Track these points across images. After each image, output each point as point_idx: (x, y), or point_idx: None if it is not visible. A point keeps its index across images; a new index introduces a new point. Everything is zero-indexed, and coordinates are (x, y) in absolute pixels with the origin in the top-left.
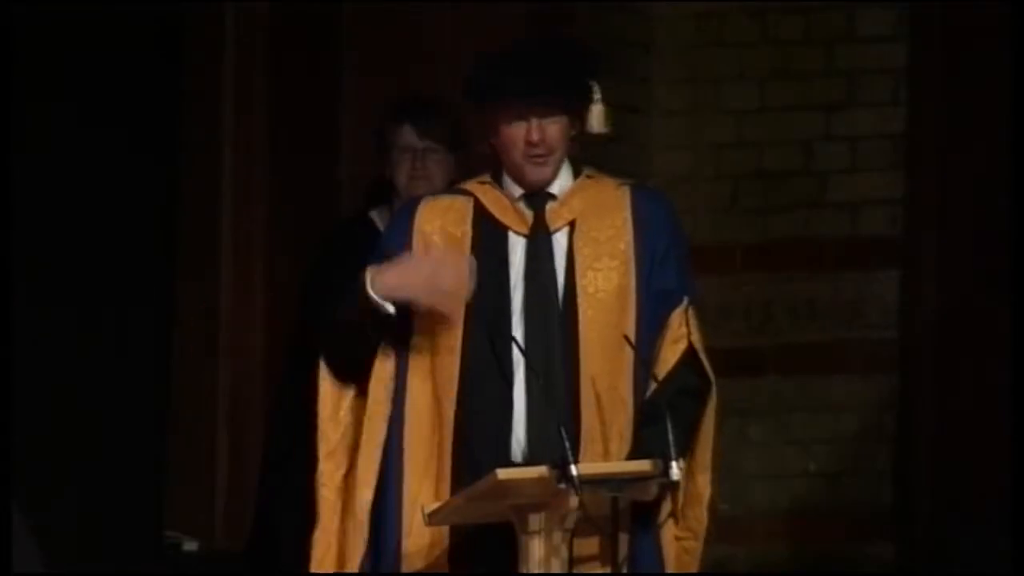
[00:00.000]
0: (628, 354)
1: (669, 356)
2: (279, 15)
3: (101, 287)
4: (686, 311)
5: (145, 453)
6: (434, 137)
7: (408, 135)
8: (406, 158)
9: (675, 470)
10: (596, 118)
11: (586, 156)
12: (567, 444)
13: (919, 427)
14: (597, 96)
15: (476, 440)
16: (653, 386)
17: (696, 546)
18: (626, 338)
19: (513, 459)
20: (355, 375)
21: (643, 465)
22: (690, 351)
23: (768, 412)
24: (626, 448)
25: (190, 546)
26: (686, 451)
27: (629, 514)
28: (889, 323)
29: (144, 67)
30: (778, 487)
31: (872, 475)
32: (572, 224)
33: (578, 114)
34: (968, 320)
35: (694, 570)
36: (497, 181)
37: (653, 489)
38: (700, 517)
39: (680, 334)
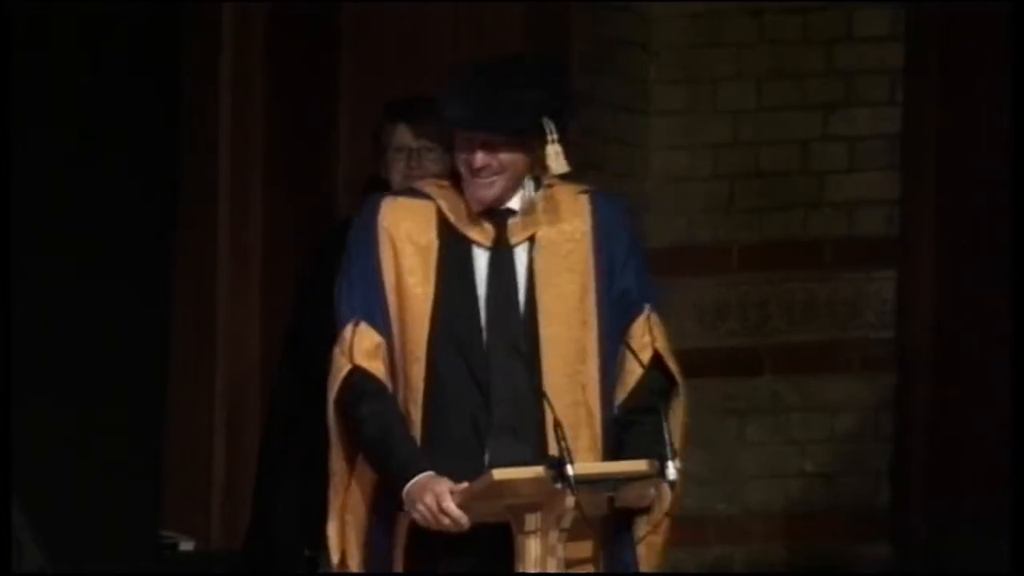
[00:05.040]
0: (592, 367)
1: (635, 366)
2: (276, 16)
3: (98, 288)
4: (648, 319)
5: (142, 453)
6: (430, 137)
7: (403, 135)
8: (401, 158)
9: (671, 469)
10: (553, 159)
11: (586, 156)
12: (563, 444)
13: (916, 427)
14: (552, 136)
15: (445, 450)
16: (622, 396)
17: (658, 541)
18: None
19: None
20: None
21: (639, 465)
22: (656, 357)
23: (765, 412)
24: (597, 460)
25: (186, 546)
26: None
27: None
28: (886, 323)
29: (141, 68)
30: (775, 487)
31: (869, 475)
32: (532, 237)
33: (537, 138)
34: (965, 320)
35: (658, 563)
36: (457, 187)
37: (651, 492)
38: (663, 512)
39: (644, 343)
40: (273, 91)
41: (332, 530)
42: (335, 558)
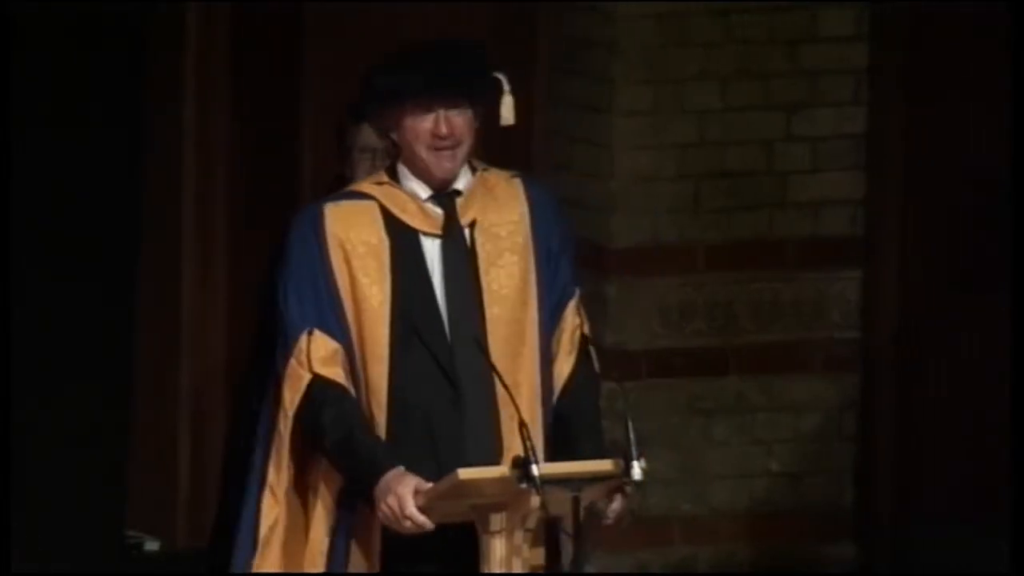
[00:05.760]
0: (530, 347)
1: (569, 348)
2: (240, 15)
3: (63, 286)
4: (578, 303)
5: (107, 452)
6: None
7: (368, 135)
8: (366, 158)
9: (636, 469)
10: (507, 109)
11: (551, 156)
12: (528, 444)
13: (880, 427)
14: (507, 88)
15: (418, 447)
16: (559, 384)
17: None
18: (585, 337)
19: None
20: None
21: (605, 465)
22: (586, 341)
23: (730, 412)
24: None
25: (152, 545)
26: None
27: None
28: (851, 323)
29: (106, 67)
30: (740, 487)
31: (834, 475)
32: (472, 222)
33: (482, 107)
34: (929, 320)
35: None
36: (394, 179)
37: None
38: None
39: (576, 324)
40: (237, 91)
41: (265, 542)
42: (265, 567)
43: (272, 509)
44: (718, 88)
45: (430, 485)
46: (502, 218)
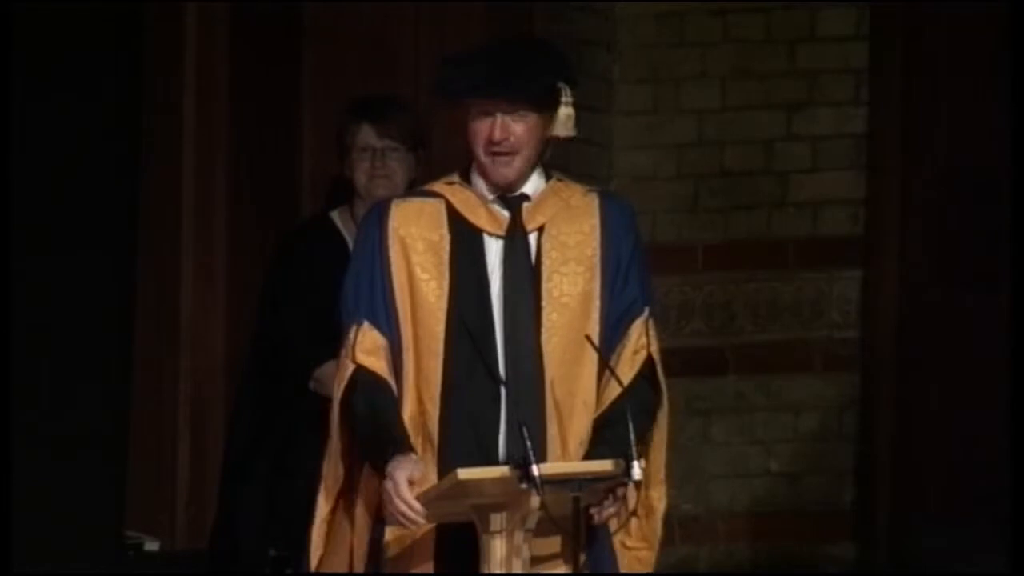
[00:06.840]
0: (589, 359)
1: (627, 366)
2: (239, 14)
3: (61, 285)
4: (646, 322)
5: (107, 452)
6: (393, 136)
7: (367, 135)
8: (365, 158)
9: (636, 469)
10: (562, 122)
11: (552, 154)
12: (528, 444)
13: (880, 426)
14: (566, 99)
15: (462, 441)
16: (609, 396)
17: (650, 556)
18: (588, 338)
19: (499, 460)
20: None
21: (605, 465)
22: (649, 362)
23: (730, 412)
24: (583, 453)
25: (151, 546)
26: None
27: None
28: (850, 323)
29: (104, 66)
30: (740, 487)
31: (833, 474)
32: (541, 228)
33: (549, 115)
34: (929, 320)
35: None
36: (466, 180)
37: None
38: (655, 528)
39: (640, 344)
40: (237, 91)
41: (316, 534)
42: (313, 562)
43: (325, 504)
44: (717, 88)
45: (420, 474)
46: (572, 228)
